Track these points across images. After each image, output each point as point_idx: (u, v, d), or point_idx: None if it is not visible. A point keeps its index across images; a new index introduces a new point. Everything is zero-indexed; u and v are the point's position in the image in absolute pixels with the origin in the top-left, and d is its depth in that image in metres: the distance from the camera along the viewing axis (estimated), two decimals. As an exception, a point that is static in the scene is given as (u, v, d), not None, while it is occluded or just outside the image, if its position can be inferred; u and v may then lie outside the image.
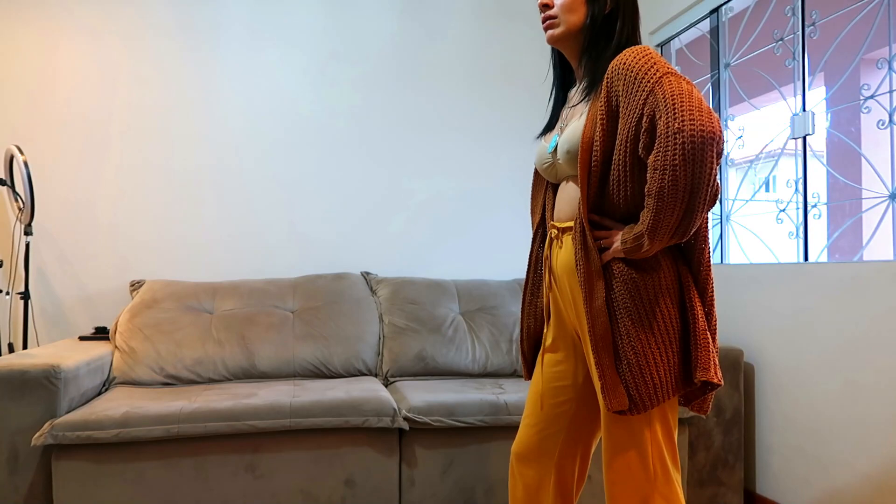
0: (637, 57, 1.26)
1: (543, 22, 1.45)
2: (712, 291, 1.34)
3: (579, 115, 1.41)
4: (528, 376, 1.61)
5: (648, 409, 1.27)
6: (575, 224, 1.35)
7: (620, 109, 1.28)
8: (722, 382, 1.28)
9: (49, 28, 2.93)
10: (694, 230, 1.25)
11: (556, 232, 1.44)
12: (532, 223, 1.61)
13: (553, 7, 1.43)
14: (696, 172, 1.16)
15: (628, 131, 1.26)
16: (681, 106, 1.17)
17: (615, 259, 1.31)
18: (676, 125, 1.16)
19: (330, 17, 3.19)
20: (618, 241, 1.30)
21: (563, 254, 1.42)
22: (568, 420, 1.49)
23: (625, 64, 1.27)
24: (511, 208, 3.34)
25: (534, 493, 1.51)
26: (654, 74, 1.22)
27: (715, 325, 1.34)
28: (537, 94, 3.38)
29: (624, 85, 1.26)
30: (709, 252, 1.34)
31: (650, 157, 1.21)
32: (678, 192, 1.17)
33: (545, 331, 1.54)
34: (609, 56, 1.37)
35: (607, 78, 1.30)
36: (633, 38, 1.41)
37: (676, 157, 1.16)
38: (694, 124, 1.15)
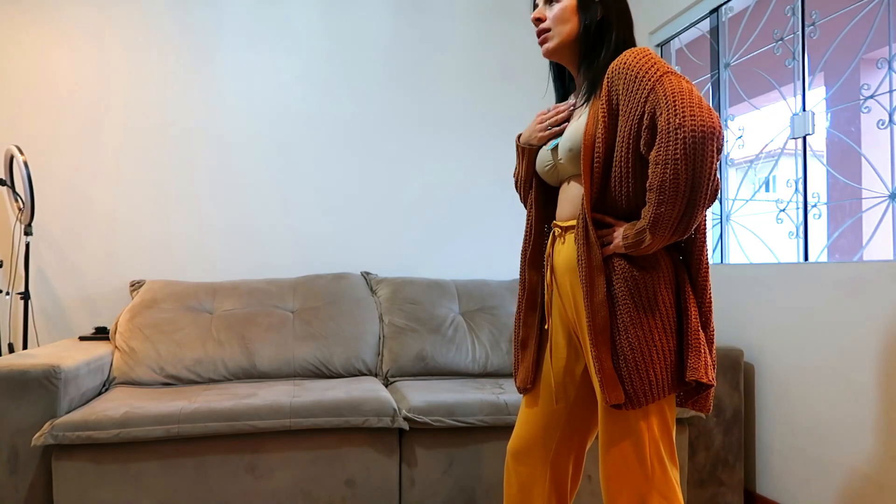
0: (637, 57, 1.28)
1: (538, 36, 1.47)
2: (710, 298, 1.35)
3: (579, 116, 1.42)
4: (518, 383, 1.59)
5: (644, 404, 1.28)
6: (578, 221, 1.36)
7: (620, 108, 1.30)
8: (714, 382, 1.30)
9: (49, 29, 2.93)
10: (695, 226, 1.26)
11: (560, 231, 1.46)
12: (526, 226, 1.62)
13: (546, 20, 1.46)
14: (697, 167, 1.18)
15: (630, 129, 1.27)
16: (681, 102, 1.19)
17: (616, 255, 1.32)
18: (677, 121, 1.18)
19: (328, 19, 3.19)
20: (619, 237, 1.31)
21: (565, 251, 1.43)
22: (564, 417, 1.50)
23: (625, 64, 1.29)
24: (511, 208, 3.34)
25: (528, 491, 1.52)
26: (655, 73, 1.24)
27: (713, 331, 1.35)
28: (536, 93, 3.38)
29: (624, 84, 1.28)
30: (707, 256, 1.36)
31: (651, 153, 1.23)
32: (679, 187, 1.19)
33: (546, 327, 1.54)
34: (607, 60, 1.39)
35: (607, 78, 1.33)
36: (629, 41, 1.43)
37: (678, 151, 1.18)
38: (694, 120, 1.17)
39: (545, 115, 1.51)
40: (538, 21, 1.46)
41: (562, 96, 1.60)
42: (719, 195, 2.89)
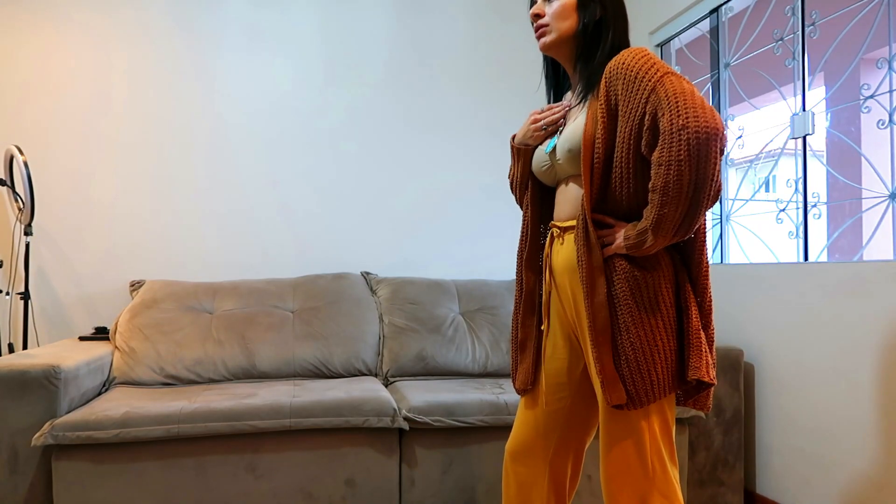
0: (636, 58, 1.28)
1: (536, 31, 1.47)
2: (710, 299, 1.36)
3: (575, 117, 1.42)
4: (517, 385, 1.59)
5: (645, 404, 1.29)
6: (577, 221, 1.36)
7: (620, 109, 1.30)
8: (715, 381, 1.30)
9: (49, 29, 2.93)
10: (696, 227, 1.26)
11: (559, 231, 1.45)
12: (523, 227, 1.61)
13: (545, 16, 1.46)
14: (701, 168, 1.18)
15: (630, 130, 1.27)
16: (684, 103, 1.19)
17: (617, 256, 1.32)
18: (681, 122, 1.18)
19: (327, 20, 3.19)
20: (620, 237, 1.31)
21: (564, 252, 1.43)
22: (563, 418, 1.50)
23: (624, 64, 1.29)
24: (511, 208, 3.34)
25: (527, 492, 1.52)
26: (655, 74, 1.24)
27: (713, 332, 1.36)
28: (535, 92, 3.38)
29: (623, 84, 1.28)
30: (707, 257, 1.36)
31: (654, 154, 1.23)
32: (683, 188, 1.19)
33: (543, 327, 1.54)
34: (603, 59, 1.40)
35: (605, 78, 1.32)
36: (624, 41, 1.44)
37: (682, 152, 1.18)
38: (698, 121, 1.17)
39: (539, 116, 1.51)
40: (536, 17, 1.46)
41: (553, 93, 1.60)
42: (721, 194, 2.89)
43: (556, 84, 1.60)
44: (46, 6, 2.93)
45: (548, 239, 1.52)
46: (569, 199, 1.44)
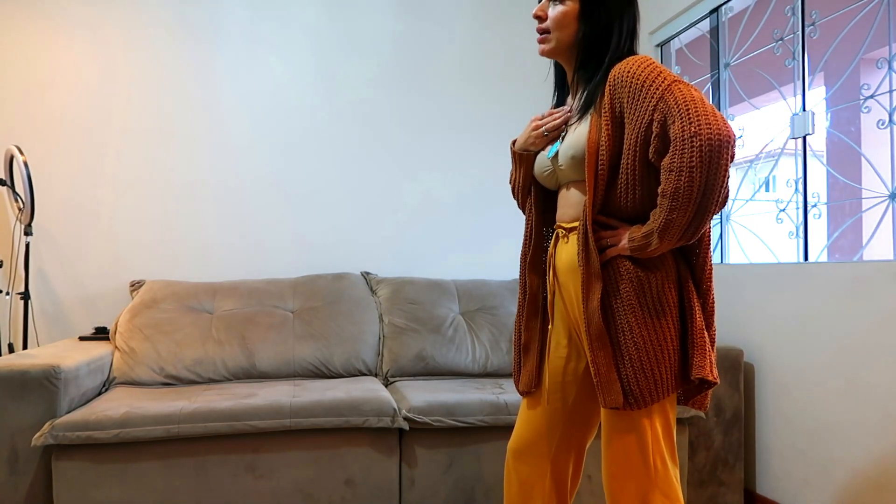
0: (641, 66, 1.28)
1: (538, 34, 1.46)
2: (713, 300, 1.37)
3: (578, 122, 1.42)
4: (521, 387, 1.59)
5: (649, 404, 1.29)
6: (579, 226, 1.37)
7: (625, 116, 1.30)
8: (718, 381, 1.31)
9: (49, 29, 2.93)
10: (702, 231, 1.27)
11: (564, 232, 1.46)
12: (526, 228, 1.62)
13: (546, 20, 1.44)
14: (712, 174, 1.19)
15: (637, 137, 1.28)
16: (695, 111, 1.20)
17: (622, 257, 1.33)
18: (693, 129, 1.19)
19: (329, 18, 3.19)
20: (625, 239, 1.32)
21: (569, 251, 1.43)
22: (565, 416, 1.50)
23: (629, 72, 1.28)
24: (511, 208, 3.34)
25: (529, 490, 1.52)
26: (663, 82, 1.24)
27: (714, 333, 1.37)
28: (538, 92, 3.38)
29: (629, 93, 1.28)
30: (711, 259, 1.37)
31: (664, 160, 1.23)
32: (693, 193, 1.20)
33: (550, 327, 1.54)
34: (605, 68, 1.38)
35: (610, 86, 1.32)
36: (630, 50, 1.43)
37: (693, 159, 1.19)
38: (710, 128, 1.18)
39: (541, 122, 1.50)
40: (538, 19, 1.46)
41: (560, 94, 1.60)
42: (728, 199, 2.89)
43: (563, 86, 1.59)
44: (46, 5, 2.93)
45: (552, 239, 1.52)
46: (571, 203, 1.45)
